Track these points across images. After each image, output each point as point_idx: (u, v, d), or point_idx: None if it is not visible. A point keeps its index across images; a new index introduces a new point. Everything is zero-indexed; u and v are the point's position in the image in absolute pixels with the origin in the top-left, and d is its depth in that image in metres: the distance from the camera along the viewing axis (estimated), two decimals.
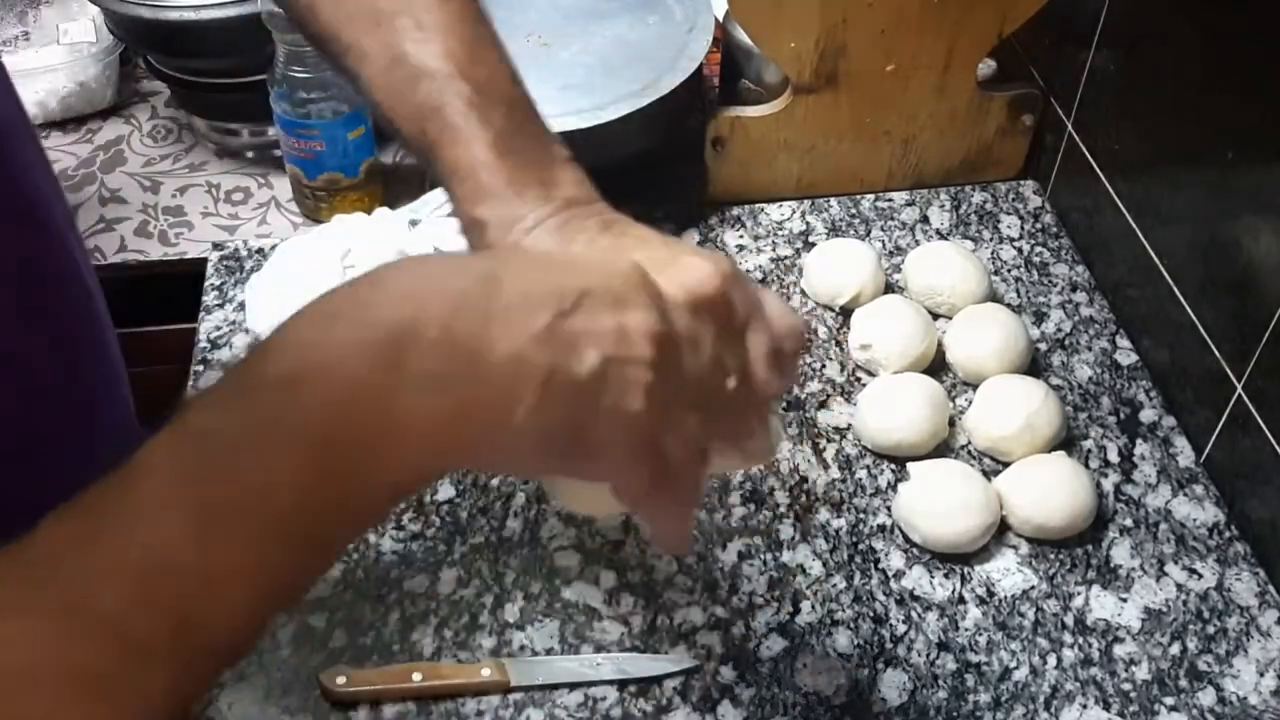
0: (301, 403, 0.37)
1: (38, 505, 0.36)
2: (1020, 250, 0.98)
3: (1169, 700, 0.70)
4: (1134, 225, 0.89)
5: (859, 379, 0.88)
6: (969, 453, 0.83)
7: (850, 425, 0.84)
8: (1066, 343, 0.91)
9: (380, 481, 0.39)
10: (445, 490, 0.79)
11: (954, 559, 0.76)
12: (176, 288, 0.97)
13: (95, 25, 1.14)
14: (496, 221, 0.53)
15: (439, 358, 0.38)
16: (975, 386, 0.85)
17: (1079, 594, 0.75)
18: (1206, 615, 0.74)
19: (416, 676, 0.69)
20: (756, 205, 1.01)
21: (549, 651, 0.72)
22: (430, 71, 0.54)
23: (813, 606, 0.74)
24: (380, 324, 0.38)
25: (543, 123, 0.57)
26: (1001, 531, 0.77)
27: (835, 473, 0.81)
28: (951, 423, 0.83)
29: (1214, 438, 0.81)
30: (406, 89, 0.55)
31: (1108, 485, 0.81)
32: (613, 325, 0.41)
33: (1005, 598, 0.75)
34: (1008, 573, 0.76)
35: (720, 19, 1.00)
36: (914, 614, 0.74)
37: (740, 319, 0.48)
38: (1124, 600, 0.75)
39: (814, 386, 0.87)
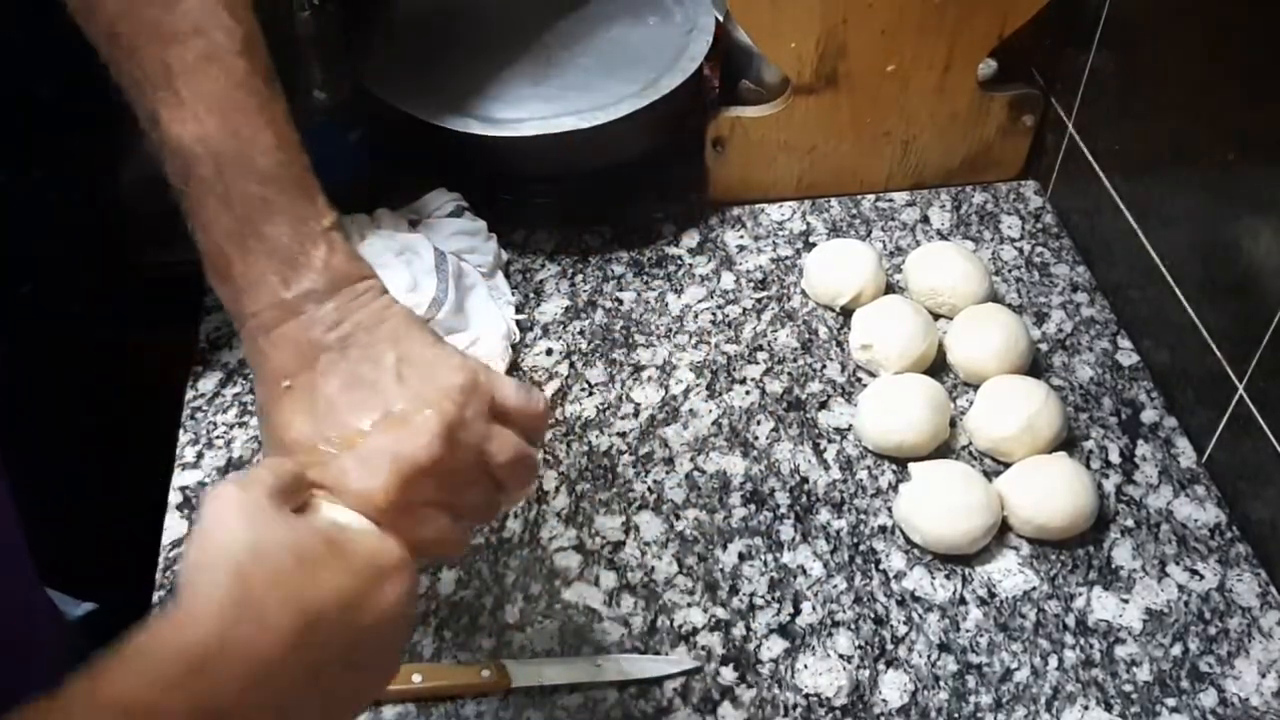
0: None
1: None
2: (1021, 251, 0.98)
3: (1170, 701, 0.70)
4: (1135, 226, 0.89)
5: (860, 379, 0.87)
6: (970, 453, 0.83)
7: (851, 426, 0.84)
8: (1067, 343, 0.90)
9: None
10: None
11: (955, 560, 0.76)
12: (176, 289, 0.96)
13: None
14: (231, 307, 0.54)
15: None
16: (976, 387, 0.85)
17: (1080, 595, 0.75)
18: (1208, 616, 0.74)
19: (416, 678, 0.69)
20: (757, 205, 1.01)
21: (549, 653, 0.71)
22: (178, 147, 0.53)
23: (813, 607, 0.74)
24: None
25: (305, 190, 0.55)
26: (1002, 532, 0.77)
27: (836, 473, 0.81)
28: (952, 423, 0.83)
29: (1215, 438, 0.81)
30: (161, 157, 0.55)
31: (1109, 486, 0.81)
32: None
33: (1006, 599, 0.75)
34: (1009, 574, 0.76)
35: (720, 19, 0.99)
36: (915, 615, 0.74)
37: (471, 457, 0.52)
38: (1125, 601, 0.75)
39: (814, 387, 0.87)
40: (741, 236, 0.98)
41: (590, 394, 0.86)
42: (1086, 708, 0.70)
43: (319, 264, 0.54)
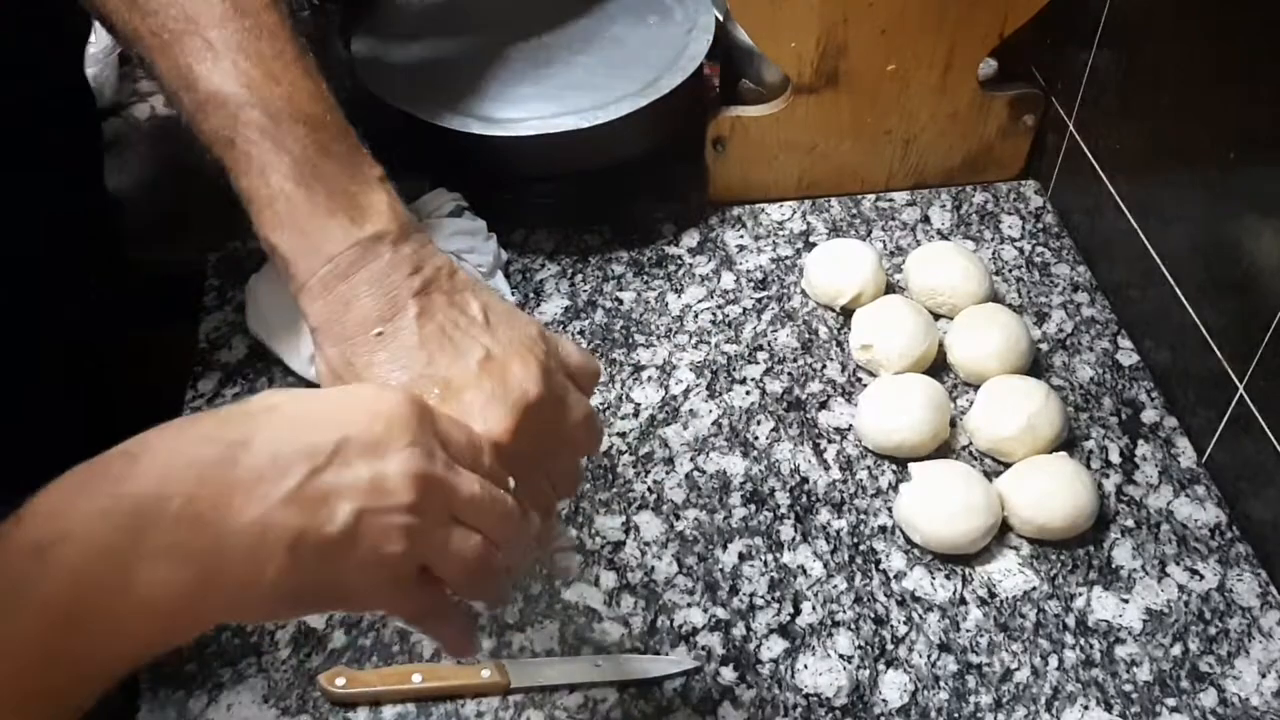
0: (47, 571, 0.38)
1: None
2: (1021, 250, 0.98)
3: (1170, 701, 0.70)
4: (1135, 225, 0.89)
5: (860, 379, 0.87)
6: (970, 453, 0.83)
7: (851, 426, 0.84)
8: (1068, 343, 0.90)
9: (123, 649, 0.40)
10: None
11: (955, 560, 0.76)
12: (176, 288, 0.97)
13: (95, 25, 1.13)
14: (295, 254, 0.52)
15: (179, 530, 0.40)
16: (976, 387, 0.85)
17: (1080, 595, 0.75)
18: (1208, 616, 0.74)
19: (416, 678, 0.69)
20: (757, 205, 1.01)
21: (549, 653, 0.71)
22: (220, 97, 0.52)
23: (813, 607, 0.74)
24: (125, 496, 0.40)
25: (352, 139, 0.55)
26: (1003, 532, 0.77)
27: (836, 473, 0.81)
28: (953, 423, 0.83)
29: (1215, 438, 0.81)
30: (199, 115, 0.53)
31: (1109, 486, 0.81)
32: (367, 475, 0.42)
33: (1006, 599, 0.75)
34: (1009, 574, 0.76)
35: (720, 18, 0.99)
36: (915, 615, 0.74)
37: (558, 406, 0.51)
38: (1125, 601, 0.75)
39: (815, 387, 0.87)
40: (741, 236, 0.98)
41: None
42: (1086, 708, 0.70)
43: (384, 207, 0.52)
